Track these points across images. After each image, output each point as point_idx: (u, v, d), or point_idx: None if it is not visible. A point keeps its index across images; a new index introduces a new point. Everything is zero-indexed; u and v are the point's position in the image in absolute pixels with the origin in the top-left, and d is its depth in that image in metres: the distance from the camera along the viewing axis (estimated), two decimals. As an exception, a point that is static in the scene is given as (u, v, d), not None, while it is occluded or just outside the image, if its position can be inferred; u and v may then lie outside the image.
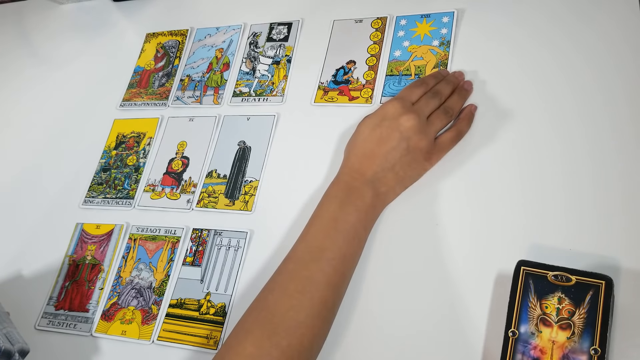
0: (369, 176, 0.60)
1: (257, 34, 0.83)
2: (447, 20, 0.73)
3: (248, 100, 0.78)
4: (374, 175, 0.61)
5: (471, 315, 0.55)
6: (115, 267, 0.71)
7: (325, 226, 0.58)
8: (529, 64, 0.67)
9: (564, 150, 0.61)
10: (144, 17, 0.93)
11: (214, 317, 0.64)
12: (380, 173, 0.61)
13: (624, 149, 0.59)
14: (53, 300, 0.71)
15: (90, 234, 0.74)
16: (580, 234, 0.56)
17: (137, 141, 0.80)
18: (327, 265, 0.56)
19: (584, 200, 0.57)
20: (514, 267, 0.53)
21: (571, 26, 0.67)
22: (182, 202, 0.73)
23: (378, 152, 0.61)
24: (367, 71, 0.73)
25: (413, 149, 0.61)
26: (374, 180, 0.60)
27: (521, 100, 0.65)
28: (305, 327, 0.53)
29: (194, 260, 0.68)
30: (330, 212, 0.59)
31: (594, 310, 0.49)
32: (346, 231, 0.58)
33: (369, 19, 0.77)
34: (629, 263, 0.53)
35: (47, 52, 0.97)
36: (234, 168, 0.73)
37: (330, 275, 0.56)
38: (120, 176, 0.78)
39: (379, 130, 0.62)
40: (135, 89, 0.85)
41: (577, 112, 0.62)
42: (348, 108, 0.72)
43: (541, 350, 0.49)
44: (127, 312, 0.67)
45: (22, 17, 1.03)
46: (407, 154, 0.61)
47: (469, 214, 0.61)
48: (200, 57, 0.84)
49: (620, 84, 0.62)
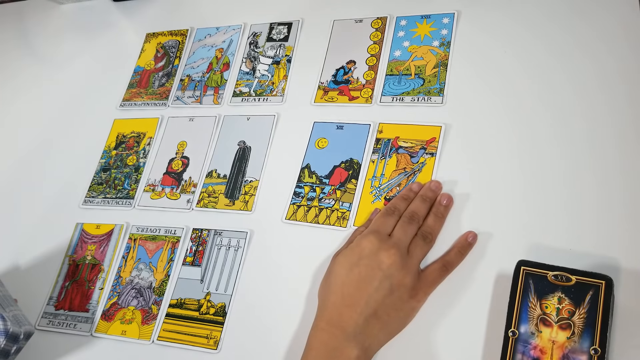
0: (350, 330, 0.53)
1: (257, 34, 0.83)
2: (448, 21, 0.73)
3: (248, 100, 0.78)
4: (356, 327, 0.53)
5: (471, 315, 0.55)
6: (115, 267, 0.71)
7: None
8: (529, 64, 0.67)
9: (564, 150, 0.61)
10: (144, 17, 0.93)
11: (214, 317, 0.64)
12: (362, 324, 0.53)
13: (625, 149, 0.59)
14: (53, 300, 0.71)
15: (90, 234, 0.74)
16: (580, 234, 0.56)
17: (137, 141, 0.80)
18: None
19: (584, 200, 0.58)
20: (514, 267, 0.53)
21: (572, 26, 0.67)
22: (182, 202, 0.73)
23: (359, 297, 0.54)
24: (367, 71, 0.73)
25: (397, 286, 0.54)
26: (356, 334, 0.53)
27: (521, 101, 0.65)
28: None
29: (194, 260, 0.68)
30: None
31: (594, 310, 0.49)
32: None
33: (369, 19, 0.77)
34: (629, 263, 0.53)
35: (47, 52, 0.97)
36: (234, 168, 0.73)
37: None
38: (120, 176, 0.78)
39: (357, 270, 0.55)
40: (135, 88, 0.85)
41: (578, 113, 0.62)
42: (348, 108, 0.72)
43: (541, 350, 0.49)
44: (127, 312, 0.67)
45: (22, 17, 1.03)
46: (390, 294, 0.54)
47: (469, 214, 0.61)
48: (200, 57, 0.84)
49: (622, 83, 0.62)
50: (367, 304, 0.54)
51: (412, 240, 0.58)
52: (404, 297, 0.55)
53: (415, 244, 0.58)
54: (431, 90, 0.69)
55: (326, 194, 0.67)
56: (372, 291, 0.54)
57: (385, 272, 0.55)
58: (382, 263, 0.55)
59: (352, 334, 0.53)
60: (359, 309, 0.54)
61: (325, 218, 0.65)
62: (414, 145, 0.66)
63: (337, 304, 0.55)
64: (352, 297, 0.54)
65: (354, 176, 0.67)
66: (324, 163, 0.69)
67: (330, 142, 0.70)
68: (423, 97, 0.69)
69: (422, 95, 0.69)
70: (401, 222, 0.59)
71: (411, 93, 0.70)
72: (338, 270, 0.57)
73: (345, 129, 0.70)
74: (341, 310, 0.54)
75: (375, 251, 0.56)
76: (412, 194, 0.62)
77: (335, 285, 0.56)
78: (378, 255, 0.55)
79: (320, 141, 0.71)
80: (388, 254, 0.55)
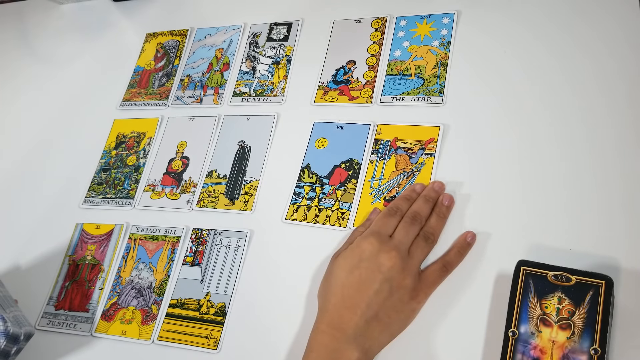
0: (351, 332, 0.53)
1: (257, 34, 0.83)
2: (448, 21, 0.73)
3: (248, 100, 0.78)
4: (357, 330, 0.53)
5: (471, 315, 0.55)
6: (115, 267, 0.71)
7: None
8: (529, 64, 0.67)
9: (564, 151, 0.61)
10: (144, 17, 0.93)
11: (214, 317, 0.64)
12: (363, 326, 0.53)
13: (624, 149, 0.59)
14: (53, 300, 0.71)
15: (90, 234, 0.74)
16: (580, 234, 0.56)
17: (137, 141, 0.80)
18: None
19: (584, 200, 0.58)
20: (514, 267, 0.53)
21: (572, 26, 0.67)
22: (182, 202, 0.73)
23: (359, 299, 0.54)
24: (367, 71, 0.73)
25: (397, 288, 0.55)
26: (356, 336, 0.53)
27: (521, 101, 0.65)
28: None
29: (194, 260, 0.68)
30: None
31: (594, 310, 0.49)
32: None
33: (369, 19, 0.77)
34: (629, 263, 0.53)
35: (47, 52, 0.97)
36: (234, 168, 0.73)
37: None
38: (120, 176, 0.78)
39: (357, 273, 0.55)
40: (135, 88, 0.85)
41: (577, 113, 0.62)
42: (348, 108, 0.72)
43: (541, 350, 0.49)
44: (127, 312, 0.67)
45: (22, 17, 1.03)
46: (390, 296, 0.54)
47: (468, 214, 0.61)
48: (200, 57, 0.84)
49: (622, 84, 0.62)
50: (368, 306, 0.54)
51: (413, 241, 0.58)
52: (404, 299, 0.55)
53: (416, 245, 0.58)
54: (431, 90, 0.69)
55: (326, 194, 0.67)
56: (373, 294, 0.54)
57: (385, 274, 0.55)
58: (382, 265, 0.55)
59: (353, 336, 0.53)
60: (359, 312, 0.54)
61: (325, 218, 0.65)
62: (413, 145, 0.66)
63: (338, 306, 0.55)
64: (352, 299, 0.54)
65: (354, 176, 0.67)
66: (324, 163, 0.69)
67: (330, 142, 0.70)
68: (423, 97, 0.69)
69: (422, 95, 0.69)
70: (403, 223, 0.59)
71: (411, 93, 0.70)
72: (338, 272, 0.57)
73: (345, 129, 0.70)
74: (342, 313, 0.54)
75: (376, 253, 0.56)
76: (415, 195, 0.62)
77: (336, 287, 0.56)
78: (378, 257, 0.55)
79: (320, 141, 0.71)
80: (389, 257, 0.55)
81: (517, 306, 0.51)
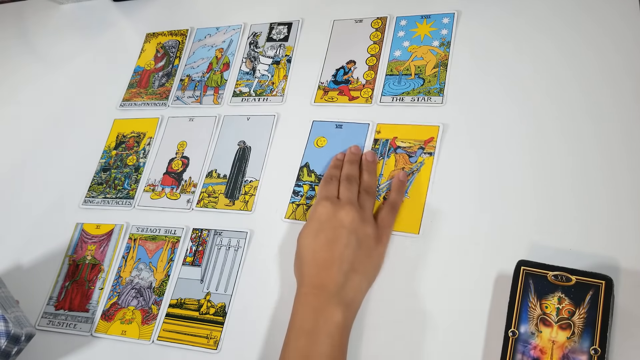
0: (332, 288, 0.56)
1: (257, 34, 0.83)
2: (448, 22, 0.73)
3: (248, 100, 0.78)
4: (337, 284, 0.56)
5: (471, 315, 0.55)
6: (115, 267, 0.71)
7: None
8: (529, 64, 0.67)
9: (566, 151, 0.61)
10: (144, 17, 0.93)
11: (214, 317, 0.64)
12: (342, 280, 0.56)
13: (628, 149, 0.59)
14: (53, 300, 0.71)
15: (90, 234, 0.74)
16: (580, 233, 0.56)
17: (137, 141, 0.80)
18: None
19: (584, 200, 0.57)
20: (514, 267, 0.53)
21: (575, 23, 0.67)
22: (182, 202, 0.73)
23: (333, 257, 0.57)
24: (367, 71, 0.73)
25: (363, 237, 0.58)
26: (338, 291, 0.56)
27: (522, 101, 0.65)
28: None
29: (194, 260, 0.68)
30: (299, 350, 0.54)
31: (594, 310, 0.49)
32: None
33: (369, 19, 0.77)
34: (629, 263, 0.53)
35: (47, 52, 0.97)
36: (234, 168, 0.73)
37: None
38: (120, 176, 0.78)
39: (323, 235, 0.59)
40: (135, 88, 0.85)
41: (583, 113, 0.62)
42: (348, 108, 0.72)
43: (541, 350, 0.49)
44: (127, 312, 0.67)
45: (22, 17, 1.03)
46: (359, 246, 0.58)
47: (468, 214, 0.61)
48: (200, 57, 0.84)
49: (628, 79, 0.62)
50: (342, 260, 0.57)
51: (358, 197, 0.62)
52: (371, 245, 0.59)
53: (362, 199, 0.62)
54: (431, 90, 0.69)
55: (326, 194, 0.67)
56: (343, 248, 0.57)
57: (348, 227, 0.58)
58: (343, 221, 0.59)
59: (335, 292, 0.56)
60: (336, 268, 0.57)
61: (325, 218, 0.65)
62: (412, 145, 0.66)
63: (314, 270, 0.58)
64: (326, 259, 0.57)
65: (354, 176, 0.67)
66: (323, 162, 0.69)
67: (329, 141, 0.70)
68: (423, 97, 0.69)
69: (422, 95, 0.69)
70: (342, 185, 0.63)
71: (411, 93, 0.70)
72: (305, 242, 0.60)
73: (344, 128, 0.70)
74: (320, 274, 0.57)
75: (333, 212, 0.59)
76: (340, 162, 0.66)
77: (307, 255, 0.59)
78: (337, 215, 0.59)
79: (319, 140, 0.71)
80: (345, 212, 0.59)
81: (517, 306, 0.51)
